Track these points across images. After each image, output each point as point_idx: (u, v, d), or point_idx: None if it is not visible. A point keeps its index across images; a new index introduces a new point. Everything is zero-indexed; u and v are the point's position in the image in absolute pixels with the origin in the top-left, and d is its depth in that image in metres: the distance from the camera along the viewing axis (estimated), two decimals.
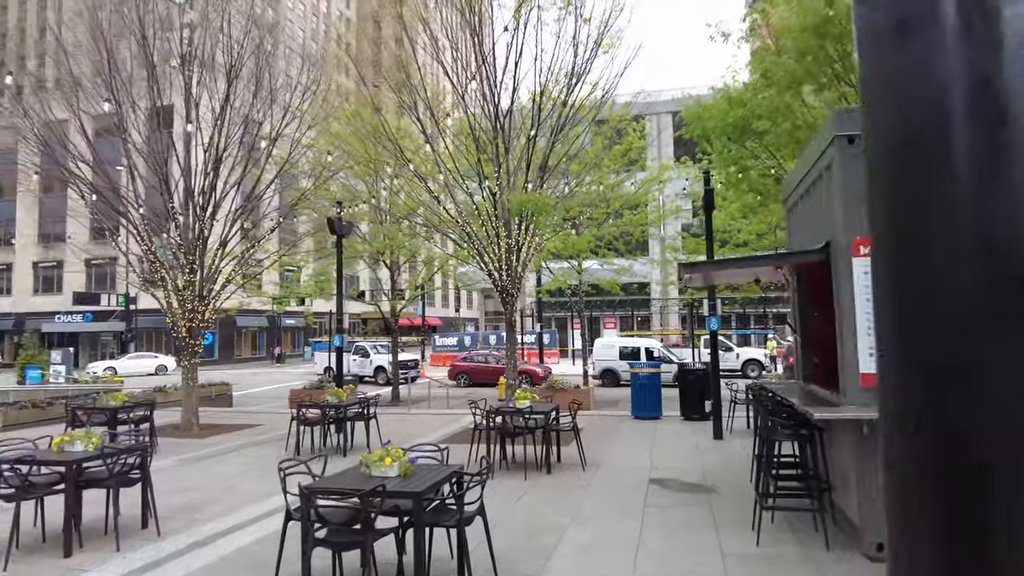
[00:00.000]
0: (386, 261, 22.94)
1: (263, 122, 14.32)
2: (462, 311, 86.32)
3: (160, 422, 14.70)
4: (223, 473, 9.81)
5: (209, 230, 14.45)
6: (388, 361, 31.06)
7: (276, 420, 15.81)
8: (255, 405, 23.10)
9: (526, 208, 11.64)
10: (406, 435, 13.05)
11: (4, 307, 51.89)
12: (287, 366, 47.09)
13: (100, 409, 11.40)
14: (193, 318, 14.34)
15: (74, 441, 6.66)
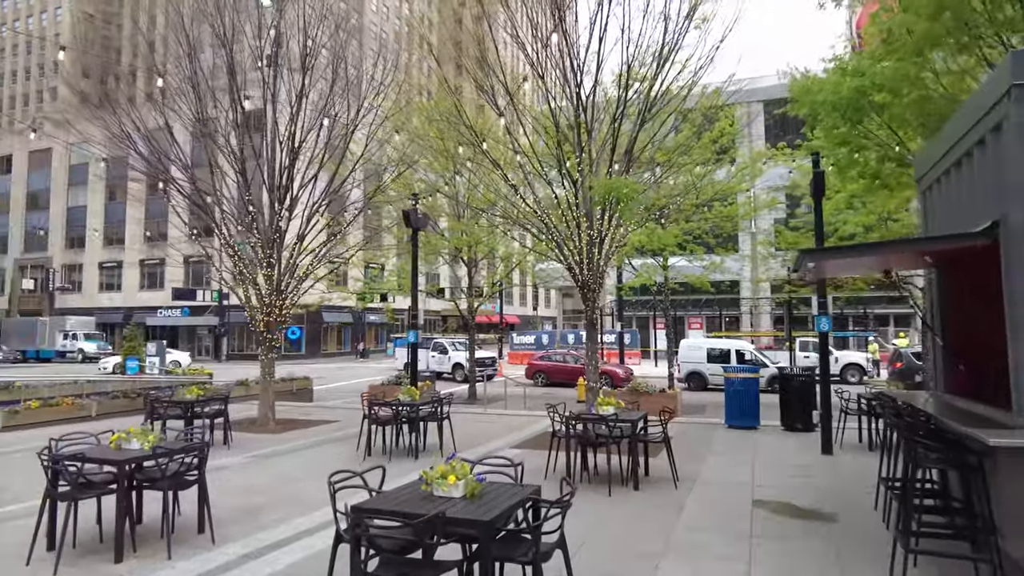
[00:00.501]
0: (464, 258, 22.43)
1: (339, 113, 13.98)
2: (540, 309, 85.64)
3: (238, 416, 14.68)
4: (288, 474, 9.37)
5: (287, 224, 14.27)
6: (466, 358, 30.71)
7: (352, 416, 15.49)
8: (335, 400, 23.13)
9: (611, 195, 10.66)
10: (480, 437, 12.36)
11: (116, 302, 55.36)
12: (370, 361, 47.80)
13: (176, 403, 11.29)
14: (271, 312, 14.19)
15: (131, 438, 6.27)
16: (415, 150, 15.50)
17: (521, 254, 22.22)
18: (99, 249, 56.97)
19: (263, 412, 14.20)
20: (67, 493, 5.84)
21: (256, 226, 13.84)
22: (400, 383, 19.87)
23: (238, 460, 10.36)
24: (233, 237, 14.14)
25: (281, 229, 13.97)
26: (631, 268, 20.22)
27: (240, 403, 18.17)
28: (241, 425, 13.83)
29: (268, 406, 14.21)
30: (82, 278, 58.04)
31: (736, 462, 9.99)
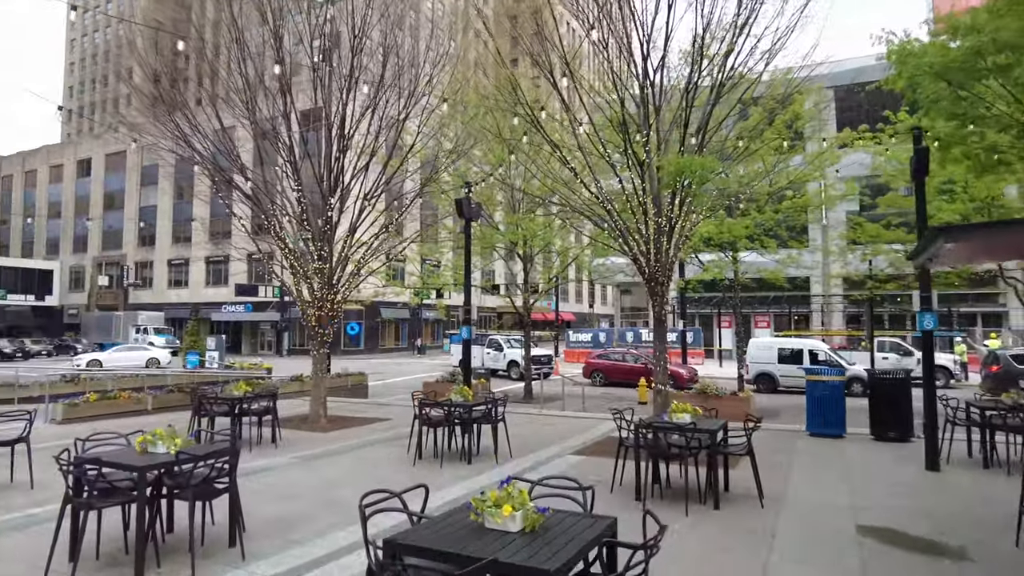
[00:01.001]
0: (519, 252, 21.63)
1: (390, 98, 13.35)
2: (596, 307, 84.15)
3: (290, 413, 14.28)
4: (331, 478, 8.73)
5: (337, 217, 13.76)
6: (522, 356, 29.92)
7: (406, 414, 14.88)
8: (389, 396, 22.69)
9: (683, 175, 9.62)
10: (536, 440, 11.50)
11: (183, 297, 57.02)
12: (427, 357, 47.65)
13: (223, 399, 10.87)
14: (322, 307, 13.71)
15: (157, 441, 5.68)
16: (471, 133, 14.71)
17: (579, 248, 21.25)
18: (168, 247, 58.83)
19: (314, 409, 13.74)
20: (85, 501, 5.29)
21: (307, 219, 13.37)
22: (455, 380, 19.24)
23: (283, 461, 9.82)
24: (284, 229, 13.72)
25: (332, 221, 13.46)
26: (697, 263, 18.95)
27: (294, 399, 17.88)
28: (291, 422, 13.40)
29: (320, 403, 13.74)
30: (152, 275, 60.09)
31: (827, 478, 8.81)
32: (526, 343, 22.44)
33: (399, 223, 14.77)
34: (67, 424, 13.00)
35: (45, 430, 12.32)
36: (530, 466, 9.47)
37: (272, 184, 14.12)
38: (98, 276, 62.67)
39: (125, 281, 60.14)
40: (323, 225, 13.45)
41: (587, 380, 26.10)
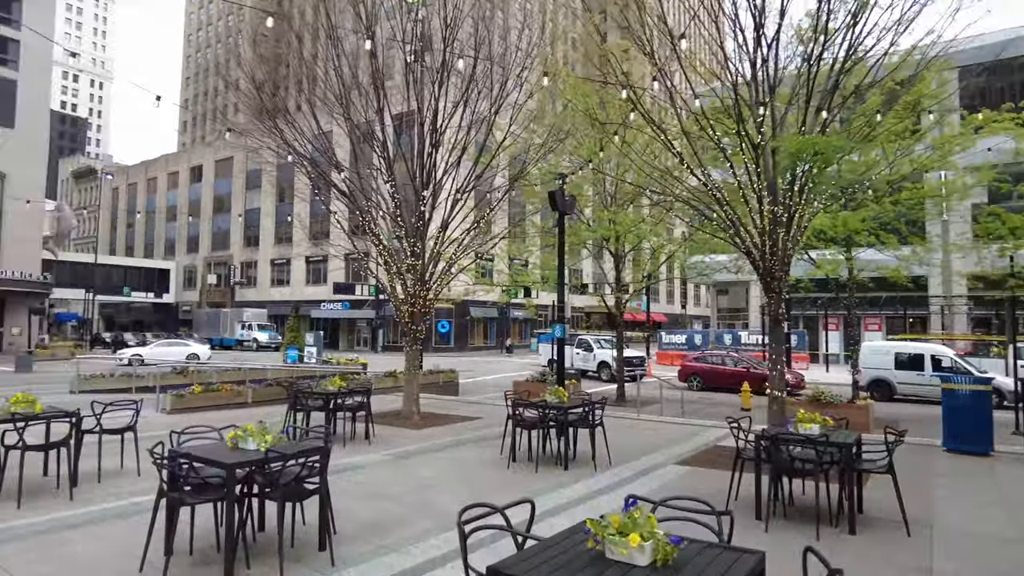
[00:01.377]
0: (611, 249, 20.87)
1: (482, 90, 13.01)
2: (688, 307, 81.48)
3: (383, 408, 14.22)
4: (424, 479, 8.40)
5: (430, 213, 13.57)
6: (612, 357, 29.03)
7: (497, 413, 14.54)
8: (480, 394, 22.48)
9: (803, 156, 8.66)
10: (636, 447, 10.79)
11: (285, 295, 59.74)
12: (514, 356, 47.51)
13: (318, 394, 10.84)
14: (415, 303, 13.57)
15: (247, 437, 5.48)
16: (562, 125, 14.15)
17: (675, 244, 20.23)
18: (271, 247, 61.80)
19: (407, 406, 13.61)
20: (178, 497, 5.13)
21: (400, 215, 13.25)
22: (545, 380, 18.75)
23: (376, 458, 9.62)
24: (378, 226, 13.67)
25: (425, 217, 13.28)
26: (808, 259, 17.51)
27: (387, 394, 17.94)
28: (385, 418, 13.32)
29: (412, 400, 13.60)
30: (257, 274, 63.32)
31: (980, 502, 7.62)
32: (619, 344, 21.64)
33: (488, 220, 14.40)
34: (175, 414, 13.48)
35: (155, 419, 12.80)
36: (631, 475, 8.80)
37: (367, 181, 14.12)
38: (208, 275, 66.75)
39: (232, 280, 63.68)
40: (416, 221, 13.29)
41: (683, 384, 24.92)
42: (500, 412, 14.57)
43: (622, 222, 19.34)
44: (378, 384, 18.21)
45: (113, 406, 8.22)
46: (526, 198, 20.56)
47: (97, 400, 8.32)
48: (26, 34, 44.61)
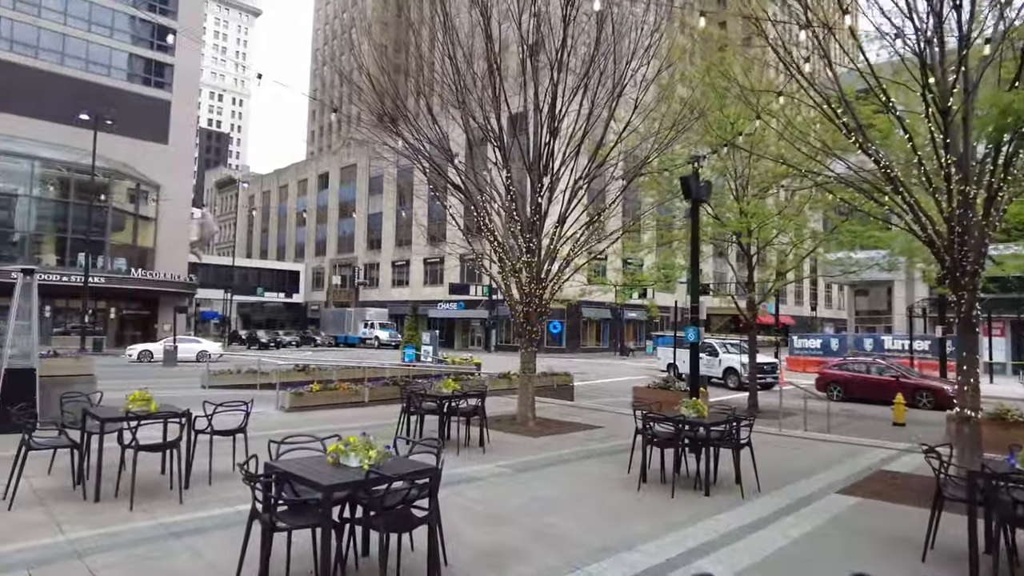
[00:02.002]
0: (742, 244, 19.04)
1: (604, 70, 11.92)
2: (819, 309, 75.70)
3: (497, 411, 13.47)
4: (544, 499, 7.44)
5: (547, 206, 12.66)
6: (740, 362, 26.83)
7: (617, 423, 13.39)
8: (596, 398, 21.35)
9: (1011, 118, 6.88)
10: (786, 469, 9.27)
11: (404, 295, 61.36)
12: (629, 359, 45.79)
13: (432, 396, 10.22)
14: (530, 302, 12.71)
15: (349, 453, 4.77)
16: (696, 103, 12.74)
17: (820, 237, 18.08)
18: (391, 249, 63.76)
19: (522, 410, 12.77)
20: (270, 520, 4.48)
21: (516, 208, 12.44)
22: (669, 387, 17.32)
23: (490, 469, 8.80)
24: (493, 222, 12.95)
25: (541, 211, 12.38)
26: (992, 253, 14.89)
27: (501, 396, 17.26)
28: (499, 423, 12.56)
29: (528, 404, 12.75)
30: (379, 275, 65.57)
31: None
32: (751, 349, 19.77)
33: (608, 213, 13.27)
34: (293, 412, 13.43)
35: (273, 417, 12.78)
36: (788, 505, 7.40)
37: (481, 175, 13.45)
38: (333, 276, 70.02)
39: (355, 280, 66.37)
40: (531, 216, 12.43)
41: (821, 393, 22.47)
42: (623, 422, 13.43)
43: (757, 213, 17.54)
44: (492, 386, 17.58)
45: (224, 406, 7.94)
46: (644, 192, 19.12)
47: (208, 400, 8.08)
48: (178, 58, 48.63)
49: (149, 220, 46.34)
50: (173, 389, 17.18)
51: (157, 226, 46.69)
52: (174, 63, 48.45)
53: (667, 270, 20.15)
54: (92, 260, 40.19)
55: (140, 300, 44.76)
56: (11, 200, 39.89)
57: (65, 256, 40.72)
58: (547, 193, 12.18)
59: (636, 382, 28.44)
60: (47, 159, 40.47)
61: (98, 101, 40.68)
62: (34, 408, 10.15)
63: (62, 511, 6.39)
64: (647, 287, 20.72)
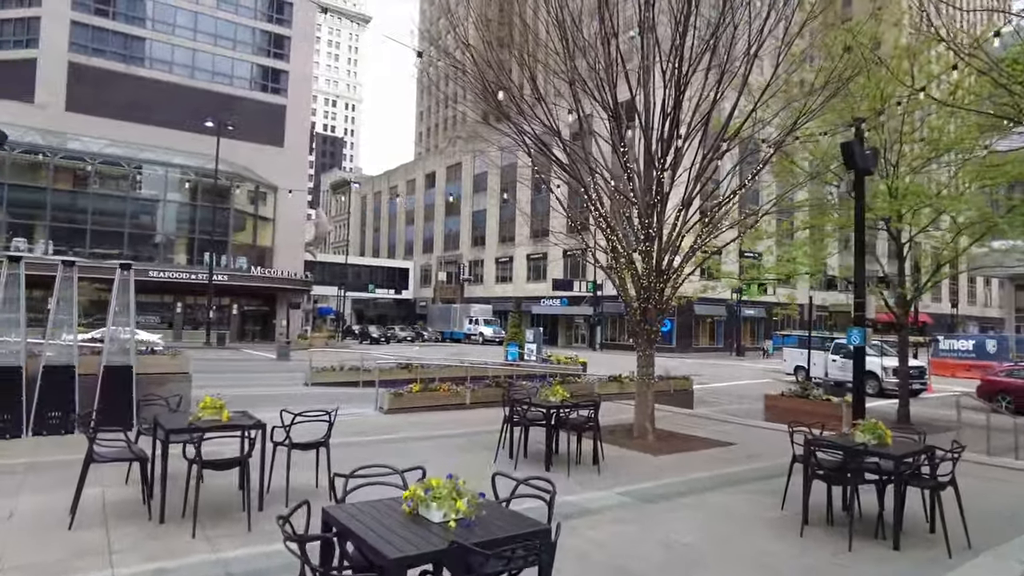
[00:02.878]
0: (891, 231, 16.33)
1: (739, 24, 10.04)
2: (961, 306, 67.86)
3: (610, 420, 11.89)
4: (683, 545, 5.84)
5: (669, 186, 10.93)
6: (882, 365, 23.61)
7: (752, 438, 11.46)
8: (717, 405, 19.28)
9: None
10: (994, 510, 7.11)
11: (508, 292, 60.76)
12: (746, 360, 42.49)
13: (538, 406, 8.84)
14: (648, 297, 11.05)
15: (430, 503, 3.44)
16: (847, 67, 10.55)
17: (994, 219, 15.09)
18: (495, 245, 63.35)
19: (640, 421, 11.14)
20: None
21: (634, 187, 10.83)
22: (807, 395, 15.04)
23: (609, 499, 7.29)
24: (604, 205, 11.39)
25: (663, 190, 10.68)
26: None
27: (612, 401, 15.66)
28: (613, 434, 11.01)
29: (646, 414, 11.10)
30: (483, 271, 65.39)
31: None
32: (902, 352, 17.04)
33: (749, 187, 11.32)
34: (392, 414, 12.53)
35: (371, 419, 11.91)
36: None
37: (589, 152, 11.91)
38: (439, 272, 70.69)
39: (460, 277, 66.61)
40: (653, 195, 10.74)
41: (983, 403, 19.09)
42: (759, 437, 11.46)
43: (912, 194, 14.88)
44: (601, 389, 16.01)
45: (304, 416, 6.94)
46: (779, 170, 16.73)
47: (287, 409, 7.10)
48: (292, 64, 50.41)
49: (268, 220, 48.29)
50: (275, 386, 16.91)
51: (275, 226, 48.57)
52: (289, 69, 50.23)
53: (800, 257, 17.66)
54: (216, 259, 42.43)
55: (260, 297, 46.70)
56: (151, 205, 42.68)
57: (193, 256, 43.06)
58: (671, 169, 10.45)
59: (759, 387, 25.84)
60: (180, 165, 42.97)
61: (221, 109, 42.75)
62: (129, 409, 9.79)
63: (122, 535, 5.56)
64: (790, 276, 18.17)
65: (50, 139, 39.98)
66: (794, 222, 20.55)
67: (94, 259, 40.22)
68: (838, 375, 25.14)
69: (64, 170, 40.49)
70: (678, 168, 10.88)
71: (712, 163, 10.57)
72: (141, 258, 41.41)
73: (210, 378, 20.58)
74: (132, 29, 45.12)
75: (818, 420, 8.51)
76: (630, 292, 11.31)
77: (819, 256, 18.51)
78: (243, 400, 10.17)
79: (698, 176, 10.77)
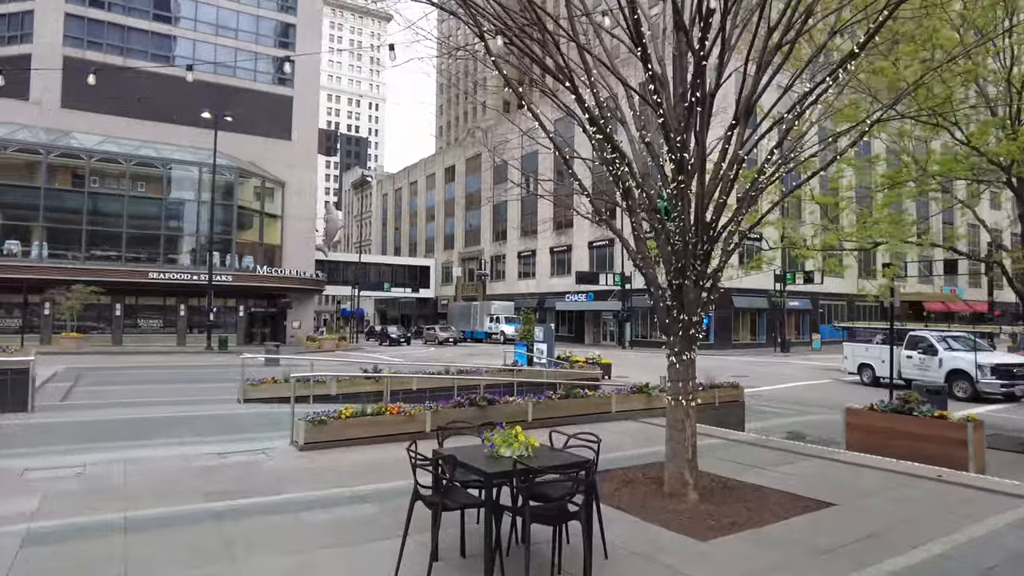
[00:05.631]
0: (1013, 182, 11.71)
1: None
2: None
3: (631, 455, 7.62)
4: None
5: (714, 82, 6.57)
6: (972, 363, 18.70)
7: (851, 486, 7.06)
8: (774, 418, 14.81)
9: None
10: None
11: (531, 288, 56.48)
12: (792, 356, 37.37)
13: (473, 481, 4.59)
14: (683, 268, 6.71)
15: None
16: None
17: None
18: (517, 239, 59.08)
19: (676, 469, 6.79)
20: None
21: (669, 127, 6.49)
22: (909, 410, 10.43)
23: None
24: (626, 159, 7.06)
25: (705, 89, 6.32)
26: None
27: (634, 420, 11.37)
28: (629, 487, 6.81)
29: (684, 456, 6.76)
30: (505, 267, 61.20)
31: None
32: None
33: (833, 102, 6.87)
34: (309, 450, 8.42)
35: (267, 465, 7.80)
36: None
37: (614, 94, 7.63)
38: (456, 269, 66.86)
39: (478, 273, 62.70)
40: (686, 92, 6.40)
41: None
42: (859, 481, 6.83)
43: None
44: (620, 404, 11.69)
45: None
46: (841, 113, 12.01)
47: None
48: (298, 53, 46.96)
49: (276, 217, 44.98)
50: (198, 404, 12.96)
51: (283, 223, 45.26)
52: (295, 58, 46.81)
53: (889, 229, 12.97)
54: (221, 258, 39.25)
55: (268, 297, 43.41)
56: (151, 203, 39.59)
57: (197, 256, 39.91)
58: (707, 101, 6.10)
59: (819, 390, 21.10)
60: (180, 161, 39.88)
61: (224, 101, 39.58)
62: None
63: None
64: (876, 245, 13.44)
65: (44, 136, 37.23)
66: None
67: (91, 261, 37.76)
68: (914, 374, 20.27)
69: (59, 168, 37.69)
70: (728, 57, 6.51)
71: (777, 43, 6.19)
72: (141, 259, 38.45)
73: (125, 390, 16.64)
74: (128, 20, 42.21)
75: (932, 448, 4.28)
76: (661, 286, 7.00)
77: (902, 224, 13.86)
78: (123, 425, 6.35)
79: (759, 66, 6.37)
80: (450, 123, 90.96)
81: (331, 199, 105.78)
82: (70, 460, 7.65)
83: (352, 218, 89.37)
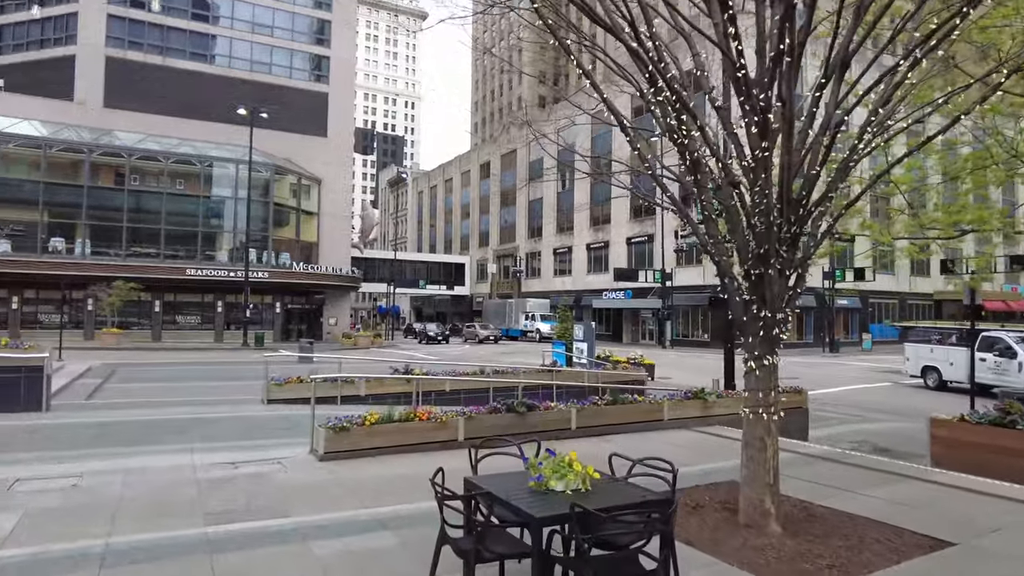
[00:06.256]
0: None
1: None
2: None
3: (693, 472, 6.50)
4: None
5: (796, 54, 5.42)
6: None
7: (967, 520, 5.84)
8: (839, 424, 13.49)
9: None
10: None
11: (567, 285, 55.26)
12: (843, 357, 35.38)
13: (514, 510, 3.58)
14: (766, 254, 5.56)
15: None
16: None
17: None
18: (553, 235, 57.90)
19: (754, 494, 5.66)
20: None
21: (744, 79, 5.33)
22: (1013, 423, 9.03)
23: None
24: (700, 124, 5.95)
25: (793, 24, 5.17)
26: None
27: (691, 430, 10.19)
28: (700, 517, 5.71)
29: (765, 480, 5.63)
30: (540, 264, 60.06)
31: None
32: None
33: None
34: (329, 461, 7.52)
35: (280, 479, 6.90)
36: None
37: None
38: (491, 266, 65.95)
39: (513, 270, 61.71)
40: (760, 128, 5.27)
41: None
42: (975, 512, 5.59)
43: None
44: (672, 412, 10.51)
45: None
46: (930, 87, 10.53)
47: None
48: (334, 51, 46.66)
49: (312, 215, 44.74)
50: (222, 404, 12.24)
51: (320, 220, 45.01)
52: (330, 55, 46.55)
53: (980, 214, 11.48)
54: (258, 255, 39.14)
55: (305, 294, 43.22)
56: (190, 201, 39.68)
57: (234, 253, 39.87)
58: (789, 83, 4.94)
59: (878, 394, 19.55)
60: (218, 158, 39.87)
61: (261, 99, 39.45)
62: None
63: None
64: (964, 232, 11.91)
65: (87, 135, 37.61)
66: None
67: (132, 258, 38.06)
68: (990, 379, 18.48)
69: (101, 166, 38.03)
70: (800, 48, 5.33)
71: None
72: (180, 256, 38.58)
73: (153, 387, 16.24)
74: (168, 20, 42.43)
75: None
76: (736, 277, 5.87)
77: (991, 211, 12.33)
78: (137, 428, 5.64)
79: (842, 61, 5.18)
80: (485, 120, 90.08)
81: (367, 197, 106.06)
82: (68, 469, 6.92)
83: (388, 216, 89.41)
